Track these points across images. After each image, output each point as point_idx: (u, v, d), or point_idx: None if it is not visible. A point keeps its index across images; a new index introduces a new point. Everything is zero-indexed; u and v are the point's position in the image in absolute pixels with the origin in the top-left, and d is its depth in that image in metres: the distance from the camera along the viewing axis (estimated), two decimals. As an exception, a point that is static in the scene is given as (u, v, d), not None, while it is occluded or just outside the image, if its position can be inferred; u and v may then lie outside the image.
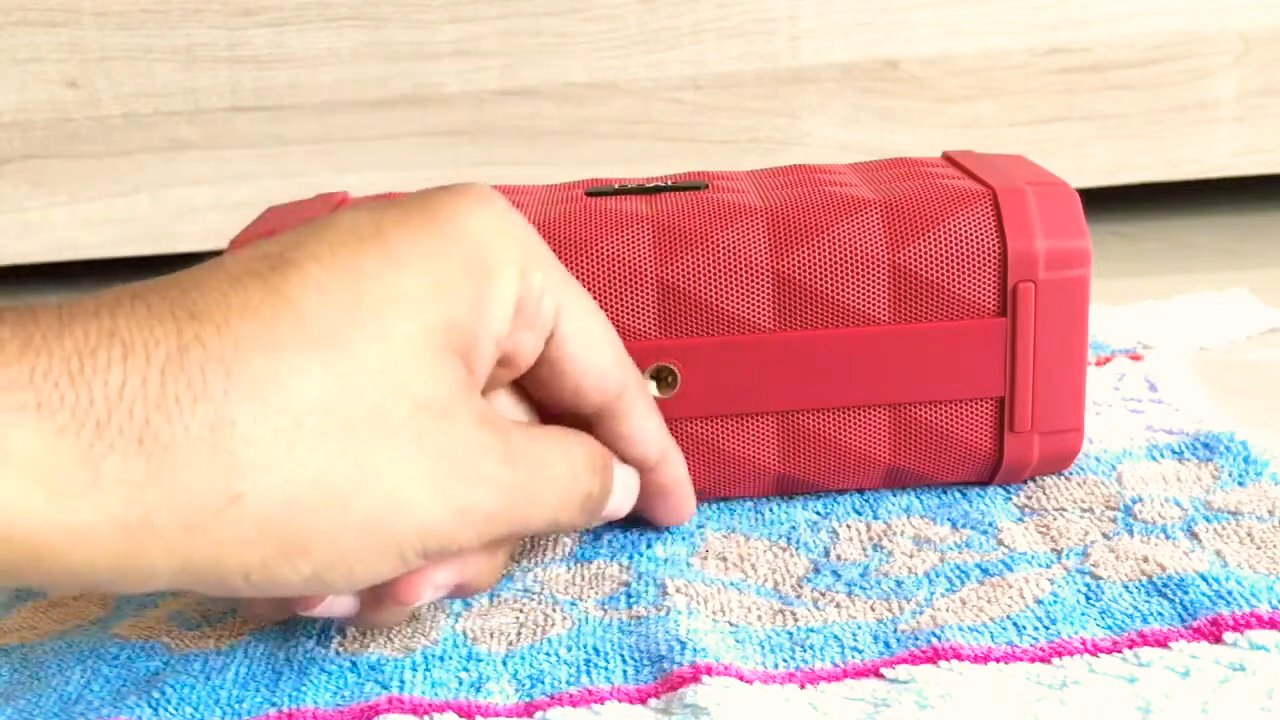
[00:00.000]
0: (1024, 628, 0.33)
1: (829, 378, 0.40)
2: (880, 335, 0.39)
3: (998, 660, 0.32)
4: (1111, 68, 0.74)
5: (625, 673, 0.33)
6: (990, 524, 0.40)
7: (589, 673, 0.33)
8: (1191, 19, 0.73)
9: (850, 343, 0.39)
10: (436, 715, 0.31)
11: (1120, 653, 0.32)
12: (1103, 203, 0.81)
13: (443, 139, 0.75)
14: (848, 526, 0.40)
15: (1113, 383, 0.51)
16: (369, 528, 0.28)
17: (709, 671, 0.31)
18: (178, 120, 0.75)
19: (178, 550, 0.26)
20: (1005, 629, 0.33)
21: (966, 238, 0.39)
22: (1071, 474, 0.43)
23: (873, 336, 0.39)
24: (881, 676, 0.32)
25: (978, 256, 0.39)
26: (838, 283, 0.39)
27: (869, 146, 0.76)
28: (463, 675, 0.33)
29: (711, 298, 0.39)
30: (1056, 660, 0.32)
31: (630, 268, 0.39)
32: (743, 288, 0.39)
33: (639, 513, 0.39)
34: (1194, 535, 0.38)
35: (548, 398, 0.35)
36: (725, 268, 0.39)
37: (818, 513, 0.42)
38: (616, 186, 0.44)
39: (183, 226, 0.76)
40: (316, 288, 0.28)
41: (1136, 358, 0.54)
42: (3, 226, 0.76)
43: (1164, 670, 0.31)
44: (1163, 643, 0.32)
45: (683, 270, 0.39)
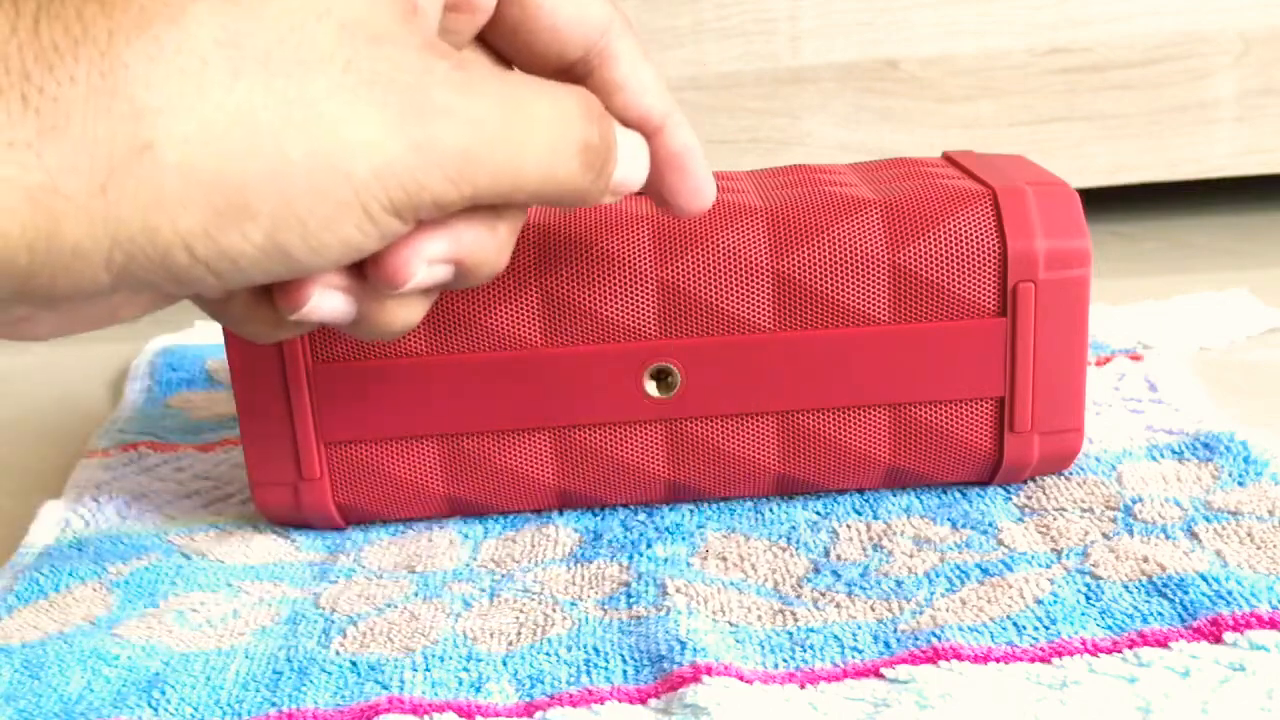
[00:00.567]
0: (1024, 628, 0.33)
1: (829, 378, 0.40)
2: (880, 335, 0.39)
3: (998, 660, 0.32)
4: (1111, 68, 0.74)
5: (625, 673, 0.33)
6: (990, 524, 0.40)
7: (589, 673, 0.33)
8: (1191, 19, 0.73)
9: (850, 343, 0.39)
10: (436, 715, 0.31)
11: (1120, 653, 0.32)
12: (1103, 203, 0.81)
13: (443, 139, 0.75)
14: (848, 526, 0.40)
15: (1113, 383, 0.51)
16: (315, 171, 0.24)
17: (709, 671, 0.31)
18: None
19: (98, 218, 0.23)
20: (1005, 629, 0.33)
21: (966, 238, 0.39)
22: (1071, 474, 0.43)
23: (873, 336, 0.39)
24: (881, 676, 0.32)
25: (978, 256, 0.39)
26: (838, 283, 0.39)
27: (869, 146, 0.76)
28: (463, 675, 0.33)
29: (711, 298, 0.39)
30: (1056, 660, 0.32)
31: (630, 268, 0.39)
32: (743, 288, 0.39)
33: (657, 201, 0.34)
34: (1194, 535, 0.38)
35: (525, 50, 0.31)
36: (725, 268, 0.39)
37: (818, 513, 0.42)
38: (616, 186, 0.44)
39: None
40: None
41: (1136, 358, 0.54)
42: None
43: (1164, 670, 0.31)
44: (1163, 643, 0.32)
45: (683, 270, 0.39)
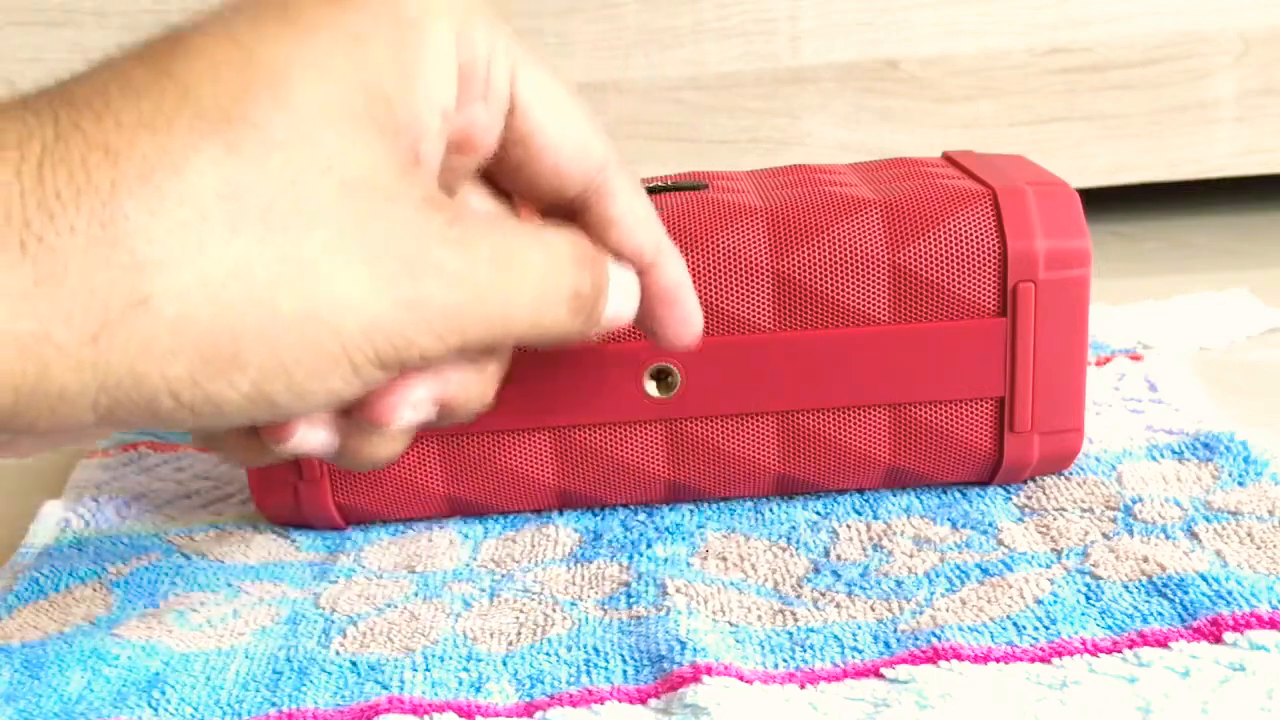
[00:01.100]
0: (1024, 628, 0.33)
1: (829, 378, 0.40)
2: (880, 335, 0.39)
3: (998, 660, 0.32)
4: (1111, 68, 0.74)
5: (625, 673, 0.33)
6: (990, 524, 0.40)
7: (589, 673, 0.33)
8: (1191, 19, 0.73)
9: (850, 343, 0.39)
10: (436, 715, 0.31)
11: (1120, 653, 0.32)
12: (1103, 203, 0.81)
13: (443, 139, 0.75)
14: (848, 526, 0.40)
15: (1113, 383, 0.51)
16: (305, 326, 0.25)
17: (709, 671, 0.31)
18: (178, 120, 0.75)
19: (86, 365, 0.23)
20: (1005, 629, 0.33)
21: (966, 238, 0.39)
22: (1071, 474, 0.43)
23: (873, 336, 0.39)
24: (881, 676, 0.32)
25: (978, 256, 0.39)
26: (838, 283, 0.39)
27: (869, 146, 0.76)
28: (463, 675, 0.33)
29: (711, 298, 0.39)
30: (1056, 660, 0.32)
31: (630, 268, 0.39)
32: (743, 288, 0.39)
33: (645, 332, 0.35)
34: (1194, 535, 0.38)
35: (526, 186, 0.31)
36: (725, 268, 0.39)
37: (818, 513, 0.42)
38: (616, 186, 0.44)
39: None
40: (206, 60, 0.25)
41: (1136, 358, 0.54)
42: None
43: (1164, 670, 0.31)
44: (1163, 643, 0.32)
45: (683, 270, 0.39)
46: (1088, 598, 0.35)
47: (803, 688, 0.32)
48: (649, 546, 0.40)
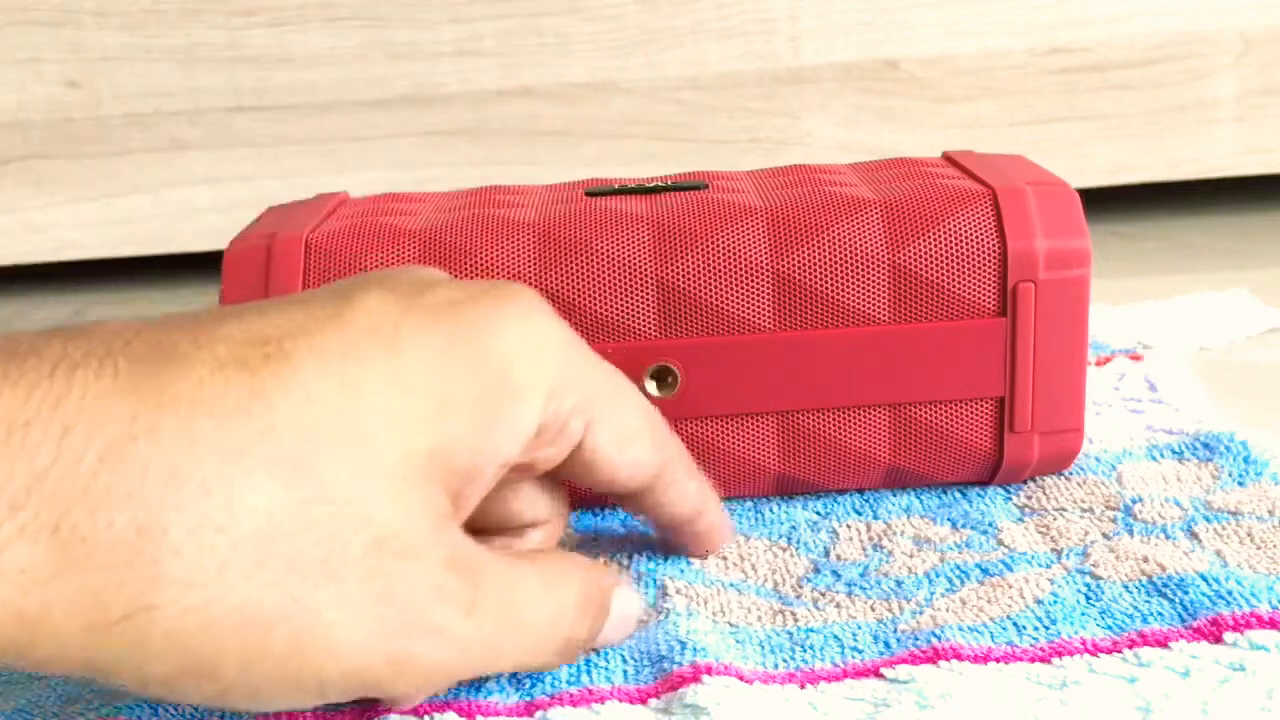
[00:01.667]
0: (1024, 628, 0.33)
1: (829, 378, 0.40)
2: (880, 335, 0.39)
3: (998, 660, 0.32)
4: (1111, 68, 0.74)
5: (625, 673, 0.33)
6: (990, 524, 0.40)
7: (589, 672, 0.33)
8: (1191, 19, 0.73)
9: (850, 343, 0.39)
10: (437, 715, 0.31)
11: (1120, 653, 0.32)
12: (1103, 203, 0.81)
13: (443, 139, 0.76)
14: (848, 526, 0.40)
15: (1113, 383, 0.51)
16: (288, 661, 0.25)
17: (709, 671, 0.31)
18: (178, 120, 0.75)
19: (74, 646, 0.24)
20: (1005, 629, 0.33)
21: (966, 238, 0.39)
22: (1071, 474, 0.43)
23: (873, 336, 0.39)
24: (881, 676, 0.32)
25: (978, 256, 0.39)
26: (838, 283, 0.39)
27: (869, 146, 0.76)
28: (463, 675, 0.33)
29: (711, 298, 0.39)
30: (1056, 660, 0.32)
31: (630, 268, 0.39)
32: (743, 288, 0.39)
33: (672, 546, 0.39)
34: (1194, 535, 0.38)
35: (580, 484, 0.34)
36: (725, 268, 0.39)
37: (818, 513, 0.42)
38: (616, 186, 0.44)
39: (183, 226, 0.76)
40: (305, 395, 0.25)
41: (1136, 358, 0.54)
42: (3, 226, 0.76)
43: (1164, 670, 0.31)
44: (1163, 643, 0.32)
45: (683, 270, 0.39)
46: (1088, 598, 0.35)
47: (803, 688, 0.32)
48: (649, 546, 0.40)
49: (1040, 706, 0.30)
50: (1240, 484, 0.41)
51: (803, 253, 0.39)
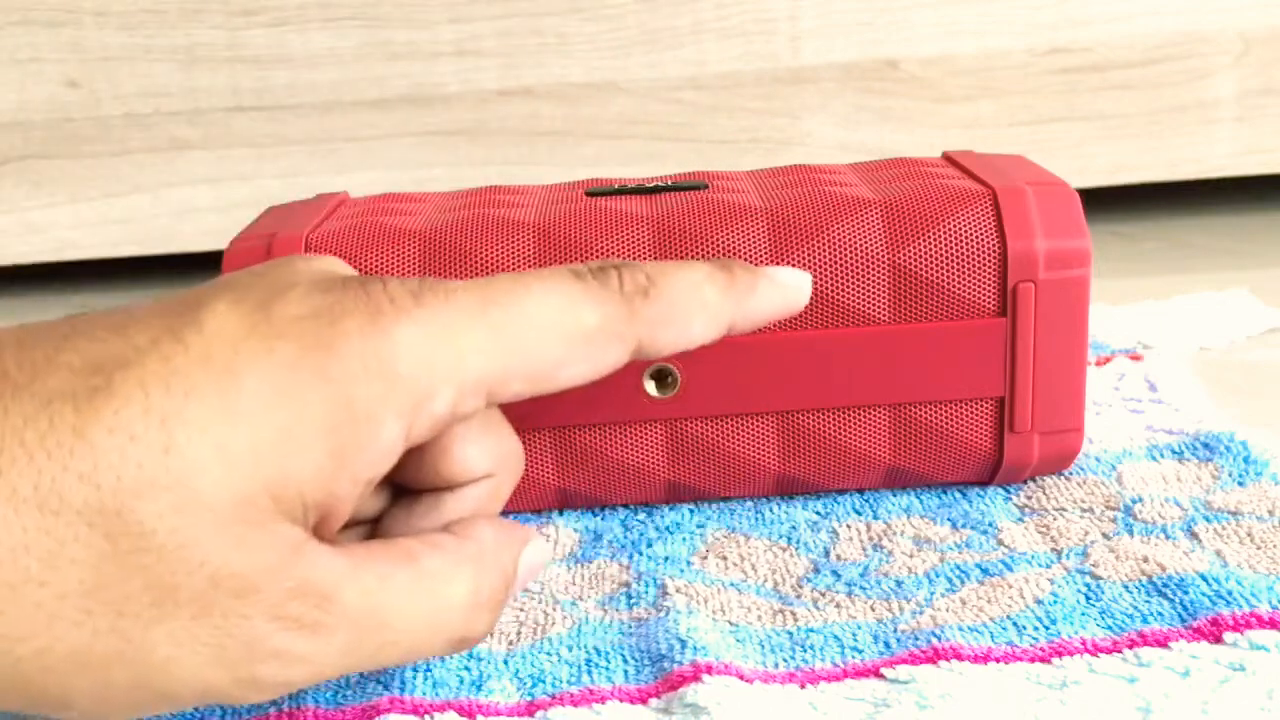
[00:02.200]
0: (1024, 628, 0.33)
1: (829, 378, 0.40)
2: (880, 335, 0.39)
3: (998, 660, 0.32)
4: (1111, 68, 0.74)
5: (626, 672, 0.33)
6: (990, 524, 0.40)
7: (590, 672, 0.33)
8: (1191, 19, 0.73)
9: (850, 343, 0.39)
10: (438, 715, 0.31)
11: (1120, 653, 0.32)
12: (1103, 203, 0.81)
13: (443, 139, 0.76)
14: (848, 526, 0.41)
15: (1113, 383, 0.51)
16: (135, 693, 0.25)
17: (709, 671, 0.31)
18: (178, 120, 0.75)
19: None
20: (1005, 629, 0.33)
21: (966, 238, 0.39)
22: (1071, 474, 0.43)
23: (873, 336, 0.39)
24: (881, 676, 0.32)
25: (978, 256, 0.39)
26: (838, 283, 0.39)
27: (869, 146, 0.76)
28: (463, 675, 0.33)
29: (712, 298, 0.39)
30: (1056, 660, 0.32)
31: (630, 268, 0.39)
32: (743, 288, 0.39)
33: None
34: (1194, 535, 0.38)
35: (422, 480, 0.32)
36: (725, 268, 0.39)
37: (818, 513, 0.42)
38: (616, 186, 0.44)
39: (183, 226, 0.77)
40: (127, 435, 0.24)
41: (1136, 358, 0.54)
42: (3, 226, 0.76)
43: (1164, 670, 0.31)
44: (1163, 643, 0.32)
45: (683, 270, 0.39)
46: (1088, 598, 0.35)
47: (803, 687, 0.32)
48: (649, 546, 0.40)
49: (1040, 706, 0.30)
50: (1240, 484, 0.41)
51: (802, 253, 0.39)
